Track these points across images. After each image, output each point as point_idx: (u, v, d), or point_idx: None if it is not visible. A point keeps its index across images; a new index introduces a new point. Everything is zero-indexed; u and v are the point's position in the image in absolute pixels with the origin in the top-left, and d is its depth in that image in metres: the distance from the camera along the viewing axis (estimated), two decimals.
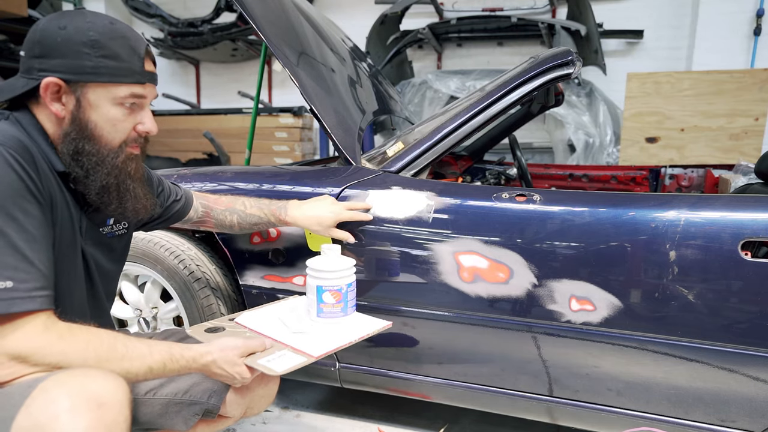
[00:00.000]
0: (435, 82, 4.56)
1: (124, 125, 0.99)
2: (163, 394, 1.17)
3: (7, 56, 4.77)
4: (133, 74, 0.96)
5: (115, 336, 0.95)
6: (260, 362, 1.08)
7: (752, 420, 1.31)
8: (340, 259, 1.34)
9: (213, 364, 1.05)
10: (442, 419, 1.86)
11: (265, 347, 1.13)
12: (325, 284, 1.31)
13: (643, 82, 3.48)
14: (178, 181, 1.72)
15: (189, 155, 5.27)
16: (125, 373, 0.92)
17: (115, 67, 0.94)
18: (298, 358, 1.11)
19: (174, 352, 1.00)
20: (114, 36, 0.95)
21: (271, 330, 1.25)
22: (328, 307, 1.31)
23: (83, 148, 0.96)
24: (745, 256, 1.24)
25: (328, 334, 1.24)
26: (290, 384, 2.07)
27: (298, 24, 1.93)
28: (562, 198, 1.43)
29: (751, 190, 1.75)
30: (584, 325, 1.36)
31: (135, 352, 0.94)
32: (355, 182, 1.59)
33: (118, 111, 0.97)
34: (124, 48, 0.95)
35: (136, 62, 0.97)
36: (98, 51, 0.93)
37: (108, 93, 0.95)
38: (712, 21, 4.19)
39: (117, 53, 0.94)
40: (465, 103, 1.73)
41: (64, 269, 1.03)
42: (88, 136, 0.96)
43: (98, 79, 0.93)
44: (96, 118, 0.96)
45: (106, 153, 0.98)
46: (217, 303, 1.69)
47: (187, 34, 5.24)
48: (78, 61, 0.92)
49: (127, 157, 1.02)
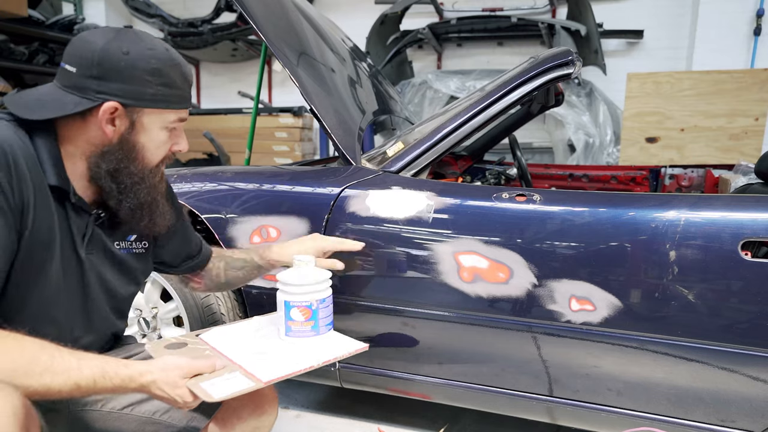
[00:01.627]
0: (435, 82, 4.56)
1: (164, 147, 1.03)
2: (140, 411, 1.12)
3: (7, 56, 4.77)
4: (184, 101, 1.01)
5: (43, 346, 0.87)
6: (202, 385, 0.98)
7: (752, 420, 1.30)
8: (313, 271, 1.23)
9: (152, 385, 0.95)
10: (442, 419, 1.86)
11: (214, 368, 1.03)
12: (293, 300, 1.19)
13: (643, 82, 3.48)
14: (178, 181, 1.72)
15: (189, 155, 5.26)
16: (45, 387, 0.85)
17: (171, 95, 0.98)
18: (244, 383, 1.01)
19: (108, 369, 0.91)
20: (172, 64, 0.98)
21: (231, 349, 1.15)
22: (297, 325, 1.20)
23: (126, 167, 0.99)
24: (745, 256, 1.24)
25: (289, 356, 1.14)
26: (290, 384, 2.07)
27: (298, 24, 1.93)
28: (562, 198, 1.43)
29: (751, 190, 1.75)
30: (584, 325, 1.36)
31: (61, 366, 0.87)
32: (355, 182, 1.59)
33: (164, 134, 1.01)
34: (178, 76, 0.99)
35: (187, 90, 1.01)
36: (159, 79, 0.96)
37: (160, 118, 0.99)
38: (712, 21, 4.19)
39: (174, 81, 0.98)
40: (465, 103, 1.73)
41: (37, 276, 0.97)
42: (134, 157, 0.99)
43: (156, 106, 0.97)
44: (144, 141, 0.99)
45: (147, 173, 1.01)
46: (216, 303, 1.69)
47: (187, 34, 5.24)
48: (140, 88, 0.94)
49: (161, 176, 1.06)
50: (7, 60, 4.72)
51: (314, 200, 1.59)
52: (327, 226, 1.55)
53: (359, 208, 1.54)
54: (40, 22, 4.92)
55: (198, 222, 1.90)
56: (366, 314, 1.56)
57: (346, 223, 1.53)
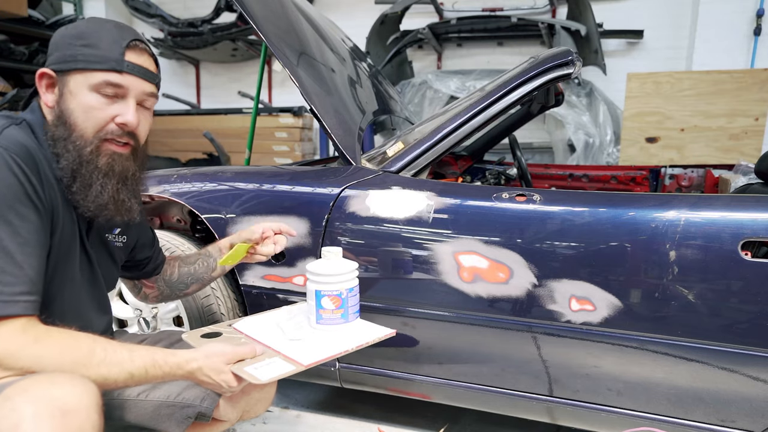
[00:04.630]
0: (435, 82, 4.56)
1: (98, 114, 0.97)
2: (155, 397, 1.15)
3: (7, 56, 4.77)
4: (108, 61, 0.96)
5: (95, 340, 0.92)
6: (246, 370, 1.04)
7: (752, 420, 1.30)
8: (341, 262, 1.30)
9: (198, 372, 1.01)
10: (442, 419, 1.86)
11: (255, 354, 1.09)
12: (324, 289, 1.26)
13: (643, 82, 3.48)
14: (178, 181, 1.72)
15: (189, 155, 5.27)
16: (102, 379, 0.89)
17: (92, 54, 0.95)
18: (286, 367, 1.07)
19: (157, 358, 0.97)
20: (100, 29, 0.97)
21: (266, 337, 1.22)
22: (328, 313, 1.27)
23: (57, 133, 0.97)
24: (745, 256, 1.24)
25: (323, 342, 1.20)
26: (290, 384, 2.07)
27: (298, 24, 1.93)
28: (562, 198, 1.43)
29: (751, 190, 1.75)
30: (584, 325, 1.36)
31: (115, 357, 0.92)
32: (355, 182, 1.59)
33: (93, 98, 0.96)
34: (106, 38, 0.96)
35: (115, 50, 0.96)
36: (81, 41, 0.95)
37: (85, 80, 0.96)
38: (712, 21, 4.19)
39: (97, 43, 0.96)
40: (465, 103, 1.73)
41: (64, 275, 1.03)
42: (64, 122, 0.97)
43: (76, 66, 0.95)
44: (74, 106, 0.96)
45: (75, 139, 0.97)
46: (217, 303, 1.69)
47: (187, 34, 5.24)
48: (65, 52, 0.95)
49: (102, 152, 0.99)
50: (7, 60, 4.72)
51: (314, 200, 1.59)
52: (327, 226, 1.55)
53: (359, 208, 1.54)
54: (40, 22, 4.92)
55: (198, 222, 1.90)
56: (366, 314, 1.55)
57: (346, 223, 1.53)
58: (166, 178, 1.74)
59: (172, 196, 1.69)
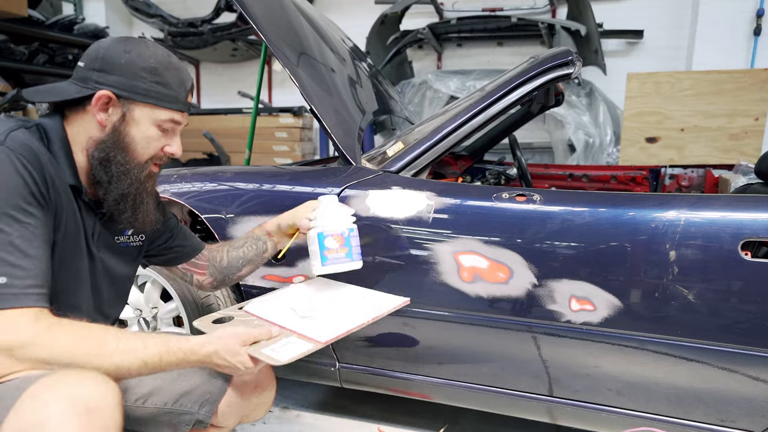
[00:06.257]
0: (435, 82, 4.56)
1: (155, 144, 1.08)
2: (152, 403, 1.15)
3: (7, 56, 4.77)
4: (177, 102, 1.08)
5: (107, 330, 0.94)
6: (264, 351, 1.03)
7: (752, 420, 1.30)
8: (339, 206, 1.31)
9: (214, 355, 1.02)
10: (442, 419, 1.86)
11: (270, 335, 1.08)
12: (326, 230, 1.26)
13: (643, 82, 3.47)
14: (178, 181, 1.72)
15: (189, 155, 5.26)
16: (115, 368, 0.91)
17: (164, 94, 1.05)
18: (304, 345, 1.05)
19: (171, 345, 0.98)
20: (169, 67, 1.06)
21: (279, 317, 1.20)
22: (332, 253, 1.26)
23: (114, 156, 1.04)
24: (745, 256, 1.24)
25: (338, 317, 1.18)
26: (290, 384, 2.07)
27: (298, 24, 1.93)
28: (562, 198, 1.43)
29: (751, 190, 1.75)
30: (584, 325, 1.36)
31: (128, 346, 0.93)
32: (355, 182, 1.59)
33: (154, 131, 1.07)
34: (175, 79, 1.07)
35: (182, 93, 1.09)
36: (153, 77, 1.04)
37: (152, 114, 1.05)
38: (712, 21, 4.19)
39: (168, 82, 1.06)
40: (465, 103, 1.73)
41: (68, 271, 1.04)
42: (123, 147, 1.05)
43: (146, 100, 1.04)
44: (135, 133, 1.05)
45: (133, 165, 1.06)
46: (217, 303, 1.69)
47: (187, 34, 5.24)
48: (134, 82, 1.02)
49: (149, 174, 1.10)
50: (7, 60, 4.72)
51: None
52: None
53: (359, 208, 1.54)
54: (40, 22, 4.92)
55: (198, 222, 1.90)
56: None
57: None
58: (166, 178, 1.74)
59: (172, 196, 1.69)
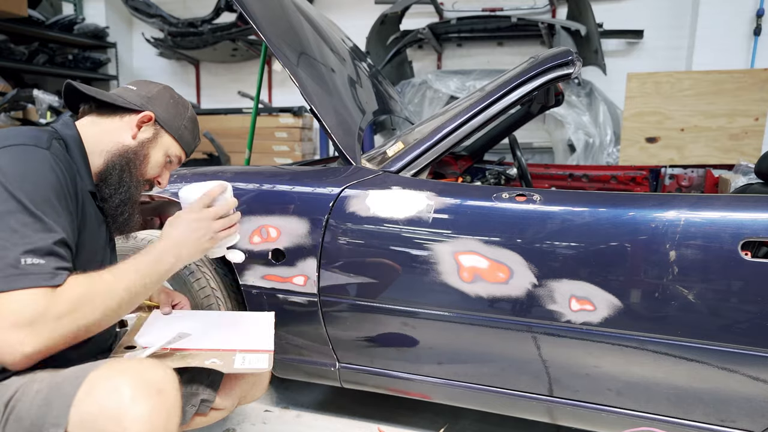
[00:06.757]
0: (435, 82, 4.56)
1: (157, 170, 1.26)
2: None
3: (7, 56, 4.77)
4: (189, 146, 1.31)
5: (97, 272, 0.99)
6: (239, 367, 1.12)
7: (752, 420, 1.31)
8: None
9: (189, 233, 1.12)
10: (442, 419, 1.86)
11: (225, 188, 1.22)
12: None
13: (643, 82, 3.48)
14: (178, 181, 1.72)
15: None
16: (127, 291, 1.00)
17: (186, 136, 1.29)
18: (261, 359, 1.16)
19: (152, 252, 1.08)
20: (196, 123, 1.34)
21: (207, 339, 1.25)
22: None
23: (132, 162, 1.20)
24: (745, 256, 1.24)
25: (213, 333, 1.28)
26: (290, 384, 2.07)
27: (298, 24, 1.93)
28: (562, 198, 1.43)
29: (751, 190, 1.75)
30: (584, 325, 1.36)
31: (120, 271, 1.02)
32: (355, 182, 1.59)
33: (162, 159, 1.26)
34: (195, 131, 1.34)
35: (193, 142, 1.33)
36: (188, 123, 1.30)
37: (171, 145, 1.26)
38: (712, 21, 4.19)
39: (193, 132, 1.33)
40: (465, 103, 1.73)
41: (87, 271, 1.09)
42: (140, 160, 1.22)
43: (175, 134, 1.26)
44: (153, 154, 1.24)
45: (140, 177, 1.23)
46: (217, 303, 1.69)
47: (187, 34, 5.23)
48: (176, 120, 1.27)
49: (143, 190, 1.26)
50: (7, 60, 4.72)
51: (314, 200, 1.59)
52: (327, 226, 1.55)
53: (359, 208, 1.54)
54: (40, 22, 4.93)
55: None
56: (366, 314, 1.56)
57: (345, 223, 1.53)
58: None
59: (172, 196, 1.69)
